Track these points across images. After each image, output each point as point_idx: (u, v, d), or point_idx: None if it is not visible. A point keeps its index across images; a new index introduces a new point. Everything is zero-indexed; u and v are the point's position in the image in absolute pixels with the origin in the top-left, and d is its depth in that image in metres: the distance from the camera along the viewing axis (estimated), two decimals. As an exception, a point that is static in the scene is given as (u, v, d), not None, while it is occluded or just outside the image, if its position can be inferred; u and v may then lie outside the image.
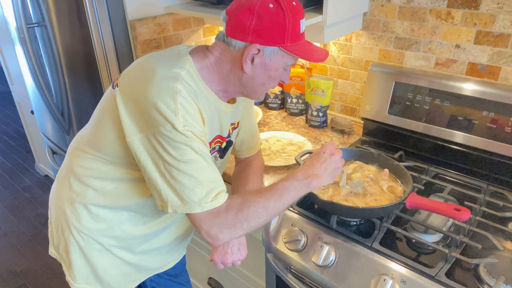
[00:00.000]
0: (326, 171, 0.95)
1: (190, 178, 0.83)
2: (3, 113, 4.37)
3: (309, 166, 0.96)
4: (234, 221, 0.87)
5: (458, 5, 1.27)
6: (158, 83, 0.83)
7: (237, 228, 0.88)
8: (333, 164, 0.97)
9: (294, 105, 1.78)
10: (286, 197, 0.91)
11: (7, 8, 2.04)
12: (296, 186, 0.92)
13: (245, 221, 0.87)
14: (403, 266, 0.95)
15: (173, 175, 0.83)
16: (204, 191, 0.84)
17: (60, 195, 1.05)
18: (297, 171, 0.95)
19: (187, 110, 0.83)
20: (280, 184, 0.92)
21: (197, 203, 0.84)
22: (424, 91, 1.35)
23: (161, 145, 0.82)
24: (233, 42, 0.88)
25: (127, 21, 1.53)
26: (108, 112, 0.91)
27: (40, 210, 2.83)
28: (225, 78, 0.93)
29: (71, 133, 2.06)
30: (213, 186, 0.85)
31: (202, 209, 0.84)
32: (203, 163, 0.84)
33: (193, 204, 0.84)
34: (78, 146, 1.03)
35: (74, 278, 1.06)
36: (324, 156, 0.97)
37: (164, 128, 0.81)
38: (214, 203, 0.85)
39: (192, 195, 0.83)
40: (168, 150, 0.82)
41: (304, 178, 0.93)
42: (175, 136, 0.81)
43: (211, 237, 0.87)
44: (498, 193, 1.22)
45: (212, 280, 1.69)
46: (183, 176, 0.83)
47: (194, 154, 0.83)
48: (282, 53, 0.89)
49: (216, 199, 0.85)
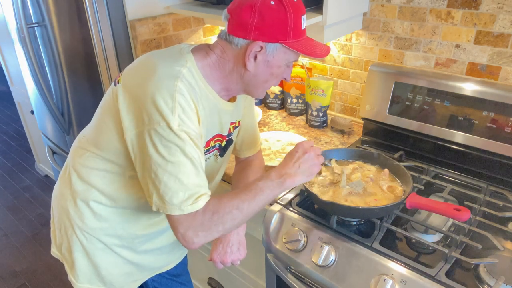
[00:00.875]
0: (300, 169, 0.94)
1: (175, 180, 0.83)
2: (3, 113, 4.37)
3: (282, 165, 0.95)
4: (209, 223, 0.86)
5: (458, 5, 1.27)
6: (159, 80, 0.83)
7: (213, 231, 0.87)
8: (307, 162, 0.95)
9: (294, 105, 1.78)
10: (260, 198, 0.90)
11: (7, 8, 2.04)
12: (269, 186, 0.91)
13: (221, 223, 0.87)
14: (403, 266, 0.95)
15: (158, 175, 0.83)
16: (187, 194, 0.84)
17: (63, 194, 1.06)
18: (271, 171, 0.94)
19: (184, 110, 0.83)
20: (254, 184, 0.92)
21: (177, 206, 0.84)
22: (424, 91, 1.35)
23: (153, 143, 0.82)
24: (235, 40, 0.88)
25: (127, 21, 1.53)
26: (110, 110, 0.92)
27: (40, 210, 2.83)
28: (227, 76, 0.94)
29: (71, 133, 2.06)
30: (196, 191, 0.85)
31: (182, 212, 0.84)
32: (190, 167, 0.84)
33: (173, 207, 0.84)
34: (80, 144, 1.03)
35: (76, 277, 1.06)
36: (296, 155, 0.95)
37: (159, 126, 0.81)
38: (194, 206, 0.84)
39: (174, 198, 0.83)
40: (159, 149, 0.82)
41: (277, 178, 0.92)
42: (168, 135, 0.81)
43: (186, 240, 0.86)
44: (498, 193, 1.22)
45: (212, 280, 1.69)
46: (168, 177, 0.82)
47: (183, 157, 0.82)
48: (285, 49, 0.89)
49: (196, 202, 0.84)
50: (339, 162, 1.25)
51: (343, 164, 1.24)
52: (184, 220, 0.85)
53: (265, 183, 0.91)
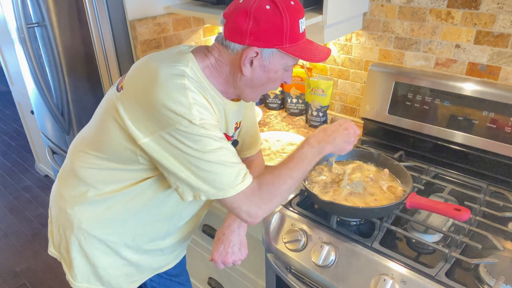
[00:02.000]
0: (335, 141, 0.99)
1: (218, 165, 0.85)
2: (3, 113, 4.37)
3: (321, 132, 1.00)
4: (269, 195, 0.91)
5: (458, 5, 1.27)
6: (164, 82, 0.83)
7: (273, 202, 0.92)
8: (343, 136, 1.00)
9: (294, 105, 1.78)
10: (307, 164, 0.96)
11: (7, 8, 2.04)
12: (312, 152, 0.97)
13: (279, 194, 0.92)
14: (403, 266, 0.95)
15: (200, 167, 0.84)
16: (233, 174, 0.87)
17: (61, 194, 1.05)
18: (310, 138, 0.99)
19: (201, 103, 0.84)
20: (298, 152, 0.96)
21: (230, 186, 0.86)
22: (424, 91, 1.35)
23: (179, 141, 0.83)
24: (231, 45, 0.88)
25: (127, 21, 1.52)
26: (111, 113, 0.91)
27: (40, 210, 2.83)
28: (225, 79, 0.94)
29: (71, 133, 2.06)
30: (239, 168, 0.88)
31: (236, 191, 0.87)
32: (225, 149, 0.86)
33: (226, 188, 0.86)
34: (79, 146, 1.03)
35: (74, 277, 1.05)
36: (337, 126, 1.01)
37: (180, 125, 0.81)
38: (244, 183, 0.88)
39: (224, 180, 0.86)
40: (189, 144, 0.83)
41: (317, 144, 0.97)
42: (193, 130, 0.82)
43: (251, 216, 0.90)
44: (498, 193, 1.22)
45: (212, 280, 1.69)
46: (211, 165, 0.84)
47: (216, 142, 0.84)
48: (281, 54, 0.88)
49: (245, 179, 0.88)
50: (339, 162, 1.25)
51: (343, 164, 1.24)
52: (243, 197, 0.88)
53: (308, 150, 0.96)
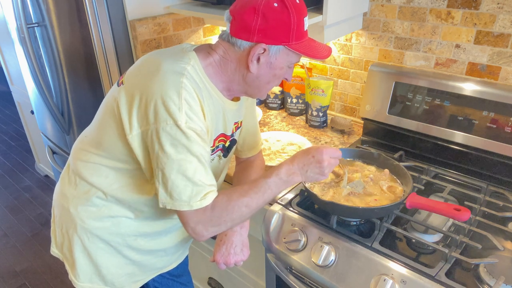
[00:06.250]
0: (306, 173, 0.95)
1: (182, 177, 0.84)
2: (3, 113, 4.37)
3: (292, 162, 0.95)
4: (219, 219, 0.89)
5: (458, 5, 1.27)
6: (163, 77, 0.83)
7: (222, 226, 0.91)
8: (316, 169, 0.94)
9: (294, 105, 1.78)
10: (267, 196, 0.93)
11: (7, 8, 2.04)
12: (277, 184, 0.93)
13: (230, 220, 0.90)
14: (403, 266, 0.95)
15: (165, 172, 0.84)
16: (195, 191, 0.85)
17: (64, 194, 1.05)
18: (280, 168, 0.94)
19: (191, 106, 0.83)
20: (262, 181, 0.93)
21: (186, 202, 0.85)
22: (424, 91, 1.35)
23: (159, 141, 0.83)
24: (238, 42, 0.88)
25: (127, 21, 1.53)
26: (112, 111, 0.91)
27: (40, 210, 2.83)
28: (230, 77, 0.94)
29: (71, 133, 2.06)
30: (204, 187, 0.86)
31: (191, 207, 0.86)
32: (197, 164, 0.85)
33: (182, 203, 0.85)
34: (82, 145, 1.03)
35: (77, 276, 1.06)
36: (309, 159, 0.94)
37: (166, 124, 0.81)
38: (202, 202, 0.86)
39: (182, 194, 0.85)
40: (166, 147, 0.82)
41: (286, 176, 0.94)
42: (175, 133, 0.82)
43: (196, 234, 0.90)
44: (498, 193, 1.22)
45: (212, 280, 1.69)
46: (175, 174, 0.83)
47: (190, 155, 0.83)
48: (287, 51, 0.89)
49: (204, 198, 0.86)
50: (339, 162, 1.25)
51: (343, 164, 1.24)
52: (193, 215, 0.87)
53: (274, 180, 0.93)
